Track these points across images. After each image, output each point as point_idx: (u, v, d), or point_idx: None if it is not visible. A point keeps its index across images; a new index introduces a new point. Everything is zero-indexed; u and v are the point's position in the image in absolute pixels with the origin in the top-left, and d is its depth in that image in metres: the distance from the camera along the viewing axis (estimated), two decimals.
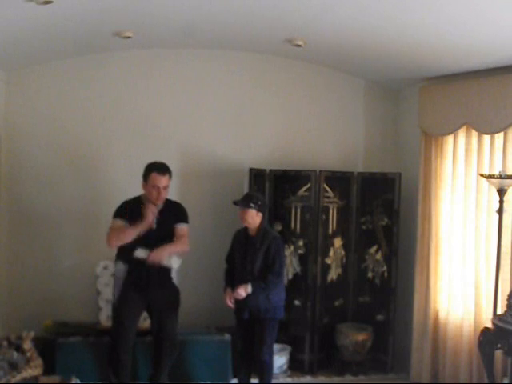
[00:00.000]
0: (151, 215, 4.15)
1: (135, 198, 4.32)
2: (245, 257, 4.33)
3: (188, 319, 5.12)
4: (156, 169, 4.23)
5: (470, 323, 4.60)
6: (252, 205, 4.26)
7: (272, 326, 4.32)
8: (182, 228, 4.33)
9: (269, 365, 4.39)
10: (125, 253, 4.23)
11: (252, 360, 4.42)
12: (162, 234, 4.25)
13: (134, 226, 4.14)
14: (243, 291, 4.22)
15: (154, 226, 4.23)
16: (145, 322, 4.58)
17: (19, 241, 5.08)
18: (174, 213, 4.33)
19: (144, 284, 4.24)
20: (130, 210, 4.22)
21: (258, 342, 4.32)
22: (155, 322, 4.37)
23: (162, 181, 4.21)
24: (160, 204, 4.27)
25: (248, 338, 4.39)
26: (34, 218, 5.11)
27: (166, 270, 4.35)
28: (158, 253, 4.12)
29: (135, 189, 4.34)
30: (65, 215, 5.13)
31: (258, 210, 4.28)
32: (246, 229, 4.40)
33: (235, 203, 4.38)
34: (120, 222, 4.20)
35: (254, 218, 4.29)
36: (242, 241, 4.40)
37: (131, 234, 4.14)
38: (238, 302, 4.31)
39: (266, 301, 4.26)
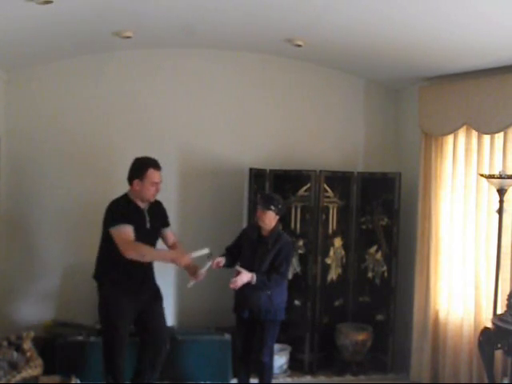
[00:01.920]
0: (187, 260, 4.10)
1: (123, 198, 4.13)
2: (254, 255, 4.29)
3: (188, 319, 5.12)
4: (152, 164, 4.07)
5: (470, 323, 4.60)
6: (272, 207, 4.23)
7: (273, 328, 4.29)
8: (171, 233, 4.29)
9: (269, 366, 4.37)
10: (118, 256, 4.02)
11: (252, 360, 4.40)
12: (154, 234, 4.21)
13: (161, 254, 4.18)
14: (246, 278, 4.11)
15: (148, 226, 4.14)
16: None
17: (19, 240, 5.08)
18: (160, 213, 4.25)
19: (137, 287, 4.13)
20: (129, 213, 4.05)
21: (258, 343, 4.30)
22: (149, 322, 4.22)
23: (159, 176, 4.09)
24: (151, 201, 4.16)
25: (248, 337, 4.38)
26: (35, 218, 5.10)
27: (152, 271, 4.28)
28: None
29: None
30: (65, 215, 5.12)
31: (277, 213, 4.27)
32: (259, 227, 4.35)
33: (255, 203, 4.35)
34: (130, 228, 3.99)
35: (271, 221, 4.27)
36: (254, 238, 4.34)
37: (154, 258, 4.13)
38: (240, 301, 4.30)
39: (268, 301, 4.22)
